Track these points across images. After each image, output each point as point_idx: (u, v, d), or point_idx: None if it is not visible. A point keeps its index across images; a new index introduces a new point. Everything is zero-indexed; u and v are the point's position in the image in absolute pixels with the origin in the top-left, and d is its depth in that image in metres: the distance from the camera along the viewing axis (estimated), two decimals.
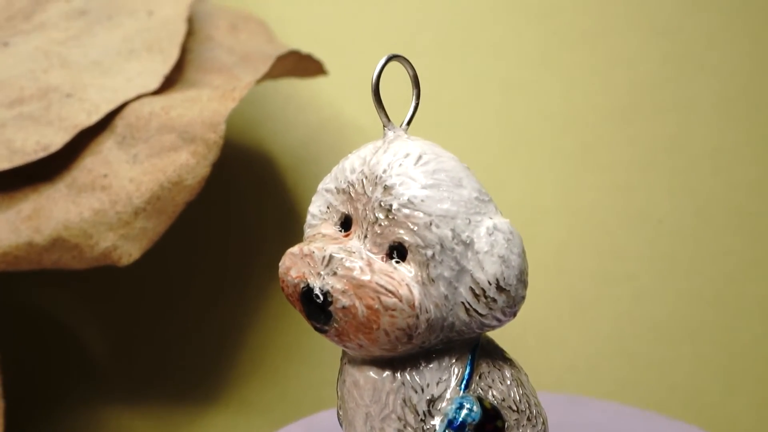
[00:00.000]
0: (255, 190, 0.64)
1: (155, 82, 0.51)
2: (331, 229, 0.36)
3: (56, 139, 0.48)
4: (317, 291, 0.34)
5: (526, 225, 0.62)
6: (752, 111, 0.61)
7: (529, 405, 0.36)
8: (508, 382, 0.36)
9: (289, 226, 0.64)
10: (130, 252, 0.48)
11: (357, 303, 0.33)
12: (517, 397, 0.36)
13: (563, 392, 0.58)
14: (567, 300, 0.63)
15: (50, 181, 0.49)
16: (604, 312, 0.62)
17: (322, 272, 0.34)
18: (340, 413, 0.37)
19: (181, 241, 0.63)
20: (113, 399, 0.63)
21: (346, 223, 0.36)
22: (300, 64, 0.55)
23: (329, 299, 0.33)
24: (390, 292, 0.33)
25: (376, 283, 0.33)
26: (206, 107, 0.48)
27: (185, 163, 0.47)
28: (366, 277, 0.33)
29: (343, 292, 0.33)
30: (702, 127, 0.62)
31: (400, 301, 0.33)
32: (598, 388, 0.62)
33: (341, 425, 0.37)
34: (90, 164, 0.49)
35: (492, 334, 0.38)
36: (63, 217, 0.48)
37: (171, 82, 0.52)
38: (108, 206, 0.48)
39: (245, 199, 0.64)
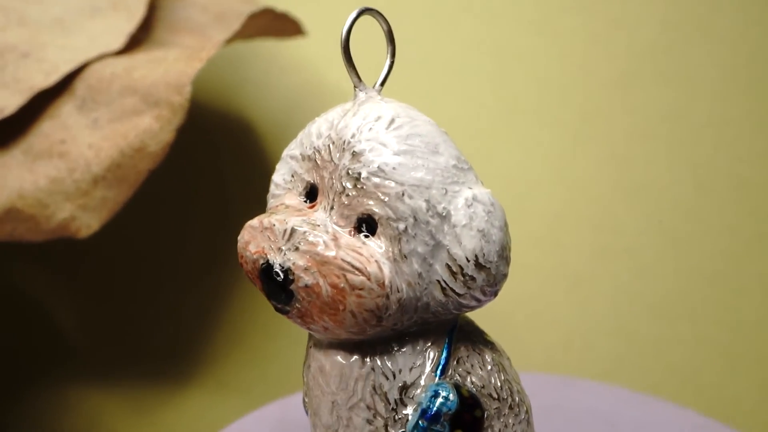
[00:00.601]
0: (234, 158, 0.61)
1: (119, 42, 0.48)
2: (296, 199, 0.33)
3: (11, 102, 0.45)
4: (277, 268, 0.30)
5: (519, 198, 0.59)
6: (758, 79, 0.59)
7: (511, 392, 0.33)
8: (489, 368, 0.33)
9: None
10: (89, 223, 0.45)
11: (321, 281, 0.30)
12: (499, 384, 0.33)
13: (555, 373, 0.55)
14: (561, 276, 0.60)
15: (4, 147, 0.45)
16: (599, 289, 0.60)
17: (283, 247, 0.31)
18: (306, 400, 0.34)
19: (156, 214, 0.61)
20: (84, 380, 0.61)
21: (311, 194, 0.33)
22: (275, 24, 0.51)
23: (290, 277, 0.30)
24: (357, 269, 0.30)
25: (342, 260, 0.30)
26: (172, 68, 0.45)
27: (148, 128, 0.44)
28: (331, 253, 0.30)
29: (306, 269, 0.30)
30: (704, 95, 0.59)
31: (369, 279, 0.30)
32: (592, 368, 0.60)
33: (307, 413, 0.34)
34: (47, 129, 0.46)
35: (479, 312, 0.35)
36: (17, 185, 0.45)
37: (137, 42, 0.49)
38: (65, 174, 0.44)
39: (223, 168, 0.61)
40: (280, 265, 0.31)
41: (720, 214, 0.59)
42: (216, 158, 0.61)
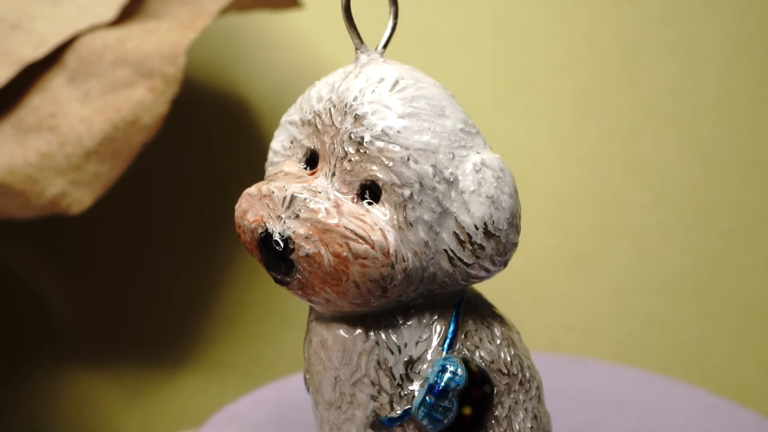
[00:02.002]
0: (228, 136, 0.60)
1: (110, 13, 0.46)
2: (295, 166, 0.32)
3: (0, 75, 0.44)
4: (277, 237, 0.29)
5: (521, 175, 0.57)
6: (765, 52, 0.57)
7: (521, 368, 0.32)
8: (498, 342, 0.32)
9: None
10: (80, 199, 0.43)
11: (322, 250, 0.29)
12: (508, 359, 0.32)
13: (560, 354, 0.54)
14: (564, 255, 0.59)
15: None
16: (604, 268, 0.59)
17: (282, 215, 0.29)
18: (307, 377, 0.33)
19: (147, 194, 0.59)
20: (76, 363, 0.60)
21: (311, 160, 0.31)
22: None
23: (291, 246, 0.29)
24: (360, 237, 0.28)
25: (345, 228, 0.29)
26: (165, 39, 0.43)
27: (141, 100, 0.43)
28: (333, 221, 0.29)
29: (307, 237, 0.29)
30: (711, 69, 0.58)
31: (373, 248, 0.28)
32: (597, 349, 0.59)
33: (308, 390, 0.33)
34: (37, 102, 0.44)
35: (481, 291, 0.34)
36: (7, 160, 0.43)
37: (129, 13, 0.48)
38: (56, 149, 0.43)
39: (218, 146, 0.60)
40: (279, 233, 0.29)
41: (727, 191, 0.58)
42: (209, 136, 0.60)
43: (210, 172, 0.61)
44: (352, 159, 0.29)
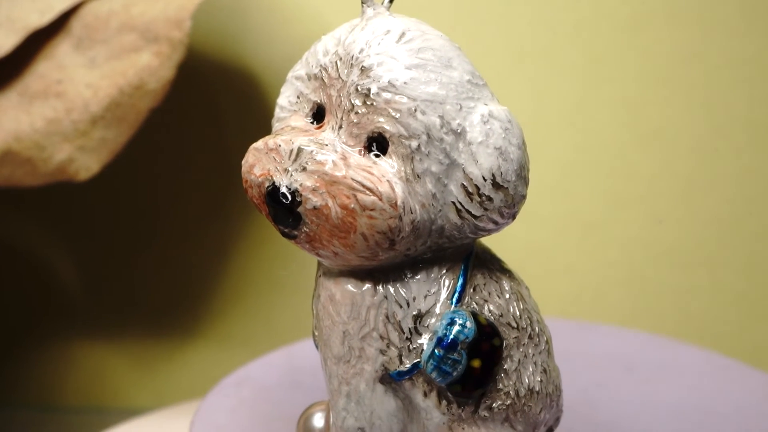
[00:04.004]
0: (236, 109, 0.60)
1: None
2: (302, 121, 0.31)
3: (5, 42, 0.44)
4: (284, 189, 0.29)
5: (530, 143, 0.57)
6: None
7: (530, 322, 0.32)
8: (507, 296, 0.31)
9: None
10: (88, 165, 0.43)
11: (330, 202, 0.28)
12: (518, 313, 0.31)
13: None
14: (574, 223, 0.59)
15: None
16: (613, 236, 0.59)
17: (289, 168, 0.29)
18: (316, 333, 0.33)
19: (156, 166, 0.59)
20: (87, 334, 0.60)
21: (318, 115, 0.31)
22: None
23: (298, 199, 0.29)
24: (368, 189, 0.28)
25: (352, 179, 0.28)
26: (171, 3, 0.43)
27: (147, 65, 0.43)
28: (340, 173, 0.28)
29: (314, 190, 0.29)
30: (721, 35, 0.57)
31: (380, 199, 0.28)
32: (607, 316, 0.59)
33: (317, 347, 0.32)
34: (43, 69, 0.44)
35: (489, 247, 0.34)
36: (13, 127, 0.43)
37: None
38: (63, 115, 0.43)
39: (226, 118, 0.60)
40: (286, 186, 0.29)
41: (738, 158, 0.58)
42: (218, 109, 0.60)
43: (219, 144, 0.61)
44: (359, 111, 0.29)
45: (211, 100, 0.59)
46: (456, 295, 0.31)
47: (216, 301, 0.60)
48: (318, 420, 0.34)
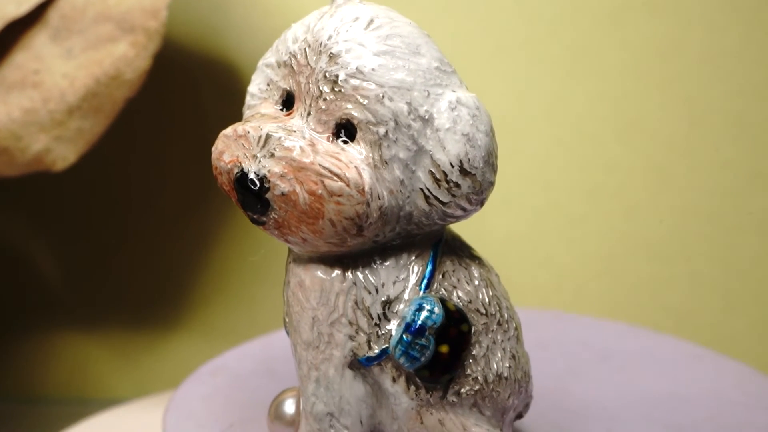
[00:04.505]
0: (217, 101, 0.60)
1: None
2: (272, 108, 0.32)
3: None
4: (252, 176, 0.29)
5: (510, 136, 0.58)
6: (753, 10, 0.57)
7: (499, 308, 0.32)
8: (476, 283, 0.32)
9: None
10: (65, 155, 0.43)
11: (298, 188, 0.29)
12: (486, 300, 0.31)
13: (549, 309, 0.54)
14: (553, 215, 0.59)
15: None
16: (593, 228, 0.59)
17: (258, 154, 0.29)
18: (287, 320, 0.33)
19: (138, 159, 0.59)
20: (69, 326, 0.60)
21: (288, 102, 0.31)
22: None
23: (266, 185, 0.29)
24: (336, 175, 0.29)
25: (320, 165, 0.29)
26: None
27: (124, 55, 0.43)
28: (308, 159, 0.29)
29: (282, 176, 0.29)
30: (699, 28, 0.57)
31: (348, 185, 0.28)
32: (586, 308, 0.59)
33: (288, 334, 0.33)
34: (20, 60, 0.44)
35: (459, 235, 0.34)
36: None
37: None
38: (39, 105, 0.43)
39: (207, 111, 0.60)
40: (255, 173, 0.29)
41: (715, 151, 0.58)
42: (199, 101, 0.60)
43: (199, 135, 0.61)
44: (327, 98, 0.29)
45: (191, 91, 0.59)
46: (425, 281, 0.31)
47: (197, 292, 0.60)
48: (289, 406, 0.34)
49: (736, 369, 0.42)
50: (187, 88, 0.58)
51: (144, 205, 0.60)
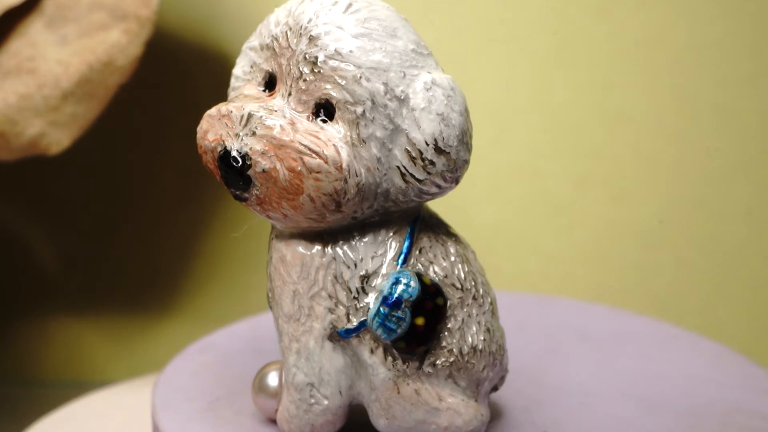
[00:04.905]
0: (212, 91, 0.61)
1: None
2: (255, 89, 0.33)
3: None
4: (235, 153, 0.30)
5: (498, 126, 0.59)
6: (741, 1, 0.58)
7: (475, 283, 0.33)
8: (452, 259, 0.33)
9: None
10: (59, 140, 0.45)
11: (278, 165, 0.30)
12: (462, 275, 0.33)
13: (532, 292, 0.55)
14: (541, 203, 0.60)
15: None
16: (580, 216, 0.60)
17: (240, 133, 0.30)
18: (270, 295, 0.34)
19: (134, 148, 0.60)
20: (64, 311, 0.61)
21: (270, 83, 0.33)
22: None
23: (248, 162, 0.30)
24: (314, 152, 0.30)
25: (300, 143, 0.30)
26: None
27: (116, 43, 0.44)
28: (288, 137, 0.30)
29: (263, 153, 0.30)
30: (685, 19, 0.58)
31: (326, 162, 0.30)
32: (573, 295, 0.60)
33: (271, 308, 0.34)
34: (15, 47, 0.45)
35: (436, 213, 0.35)
36: None
37: None
38: (34, 90, 0.44)
39: (202, 101, 0.60)
40: (237, 150, 0.30)
41: (701, 140, 0.59)
42: (194, 92, 0.61)
43: (194, 126, 0.61)
44: (307, 79, 0.31)
45: (188, 83, 0.60)
46: (402, 256, 0.32)
47: (190, 278, 0.61)
48: (272, 378, 0.35)
49: (712, 349, 0.43)
50: (180, 75, 0.59)
51: (139, 192, 0.61)
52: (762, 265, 0.59)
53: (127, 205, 0.61)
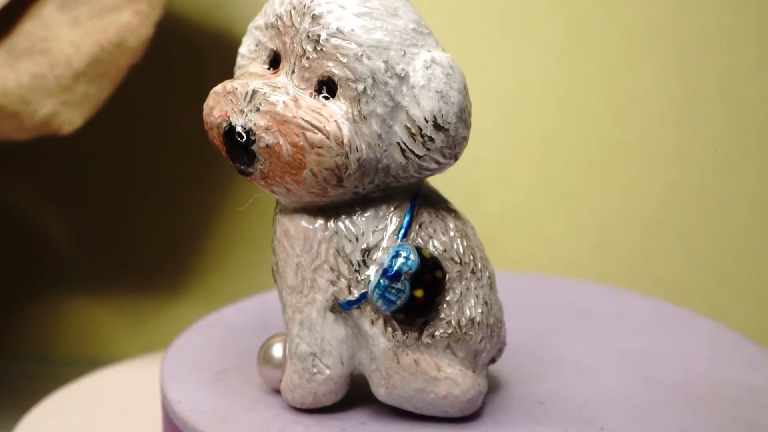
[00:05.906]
0: (223, 74, 0.61)
1: None
2: (259, 67, 0.34)
3: None
4: (239, 129, 0.31)
5: (509, 112, 0.60)
6: None
7: (473, 258, 0.34)
8: (452, 234, 0.34)
9: None
10: (71, 119, 0.46)
11: (281, 140, 0.31)
12: (461, 249, 0.33)
13: (532, 272, 0.56)
14: (549, 189, 0.61)
15: None
16: (587, 202, 0.61)
17: (244, 109, 0.31)
18: (274, 268, 0.35)
19: (147, 129, 0.61)
20: (78, 291, 0.62)
21: (275, 61, 0.34)
22: None
23: (252, 137, 0.31)
24: (316, 128, 0.31)
25: (302, 119, 0.31)
26: None
27: (127, 24, 0.45)
28: (291, 113, 0.31)
29: (267, 129, 0.31)
30: (693, 8, 0.58)
31: (328, 138, 0.31)
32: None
33: (275, 281, 0.35)
34: (29, 28, 0.46)
35: (436, 189, 0.36)
36: (1, 83, 0.45)
37: None
38: (47, 71, 0.45)
39: (213, 81, 0.61)
40: (242, 126, 0.31)
41: (708, 128, 0.59)
42: (205, 74, 0.61)
43: (203, 103, 0.62)
44: (310, 56, 0.31)
45: (199, 65, 0.61)
46: (402, 231, 0.33)
47: (201, 258, 0.62)
48: (277, 349, 0.36)
49: (711, 326, 0.44)
50: (193, 60, 0.59)
51: (149, 174, 0.62)
52: None
53: (138, 186, 0.62)
